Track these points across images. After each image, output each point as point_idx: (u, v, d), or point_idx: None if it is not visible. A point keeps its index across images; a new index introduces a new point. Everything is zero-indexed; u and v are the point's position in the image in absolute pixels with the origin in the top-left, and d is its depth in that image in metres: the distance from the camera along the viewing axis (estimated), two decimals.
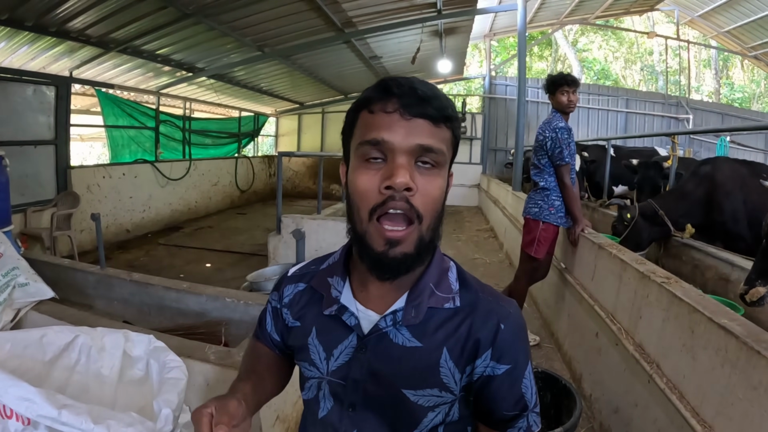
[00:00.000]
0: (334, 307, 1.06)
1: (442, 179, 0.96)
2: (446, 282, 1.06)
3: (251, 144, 16.47)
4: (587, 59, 26.67)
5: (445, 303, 1.02)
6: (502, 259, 8.27)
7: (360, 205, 0.93)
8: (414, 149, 0.90)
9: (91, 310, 3.58)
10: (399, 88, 0.91)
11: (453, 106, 0.97)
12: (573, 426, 2.49)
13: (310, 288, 1.14)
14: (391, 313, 1.01)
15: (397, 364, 1.00)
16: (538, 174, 4.30)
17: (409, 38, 10.74)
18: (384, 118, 0.91)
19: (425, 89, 0.92)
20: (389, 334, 1.01)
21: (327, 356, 1.07)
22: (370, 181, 0.91)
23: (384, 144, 0.90)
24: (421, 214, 0.91)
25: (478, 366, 1.00)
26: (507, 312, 1.03)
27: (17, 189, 5.54)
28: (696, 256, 4.55)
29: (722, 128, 12.24)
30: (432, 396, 1.01)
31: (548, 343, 4.62)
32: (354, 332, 1.04)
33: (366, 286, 1.05)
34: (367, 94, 0.96)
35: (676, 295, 2.39)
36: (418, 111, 0.90)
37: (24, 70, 7.66)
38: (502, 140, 16.34)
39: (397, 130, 0.90)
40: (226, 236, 10.05)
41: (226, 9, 7.27)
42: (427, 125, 0.91)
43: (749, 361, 1.76)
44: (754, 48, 15.60)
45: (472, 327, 1.01)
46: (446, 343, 1.00)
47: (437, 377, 1.00)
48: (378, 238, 0.91)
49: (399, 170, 0.88)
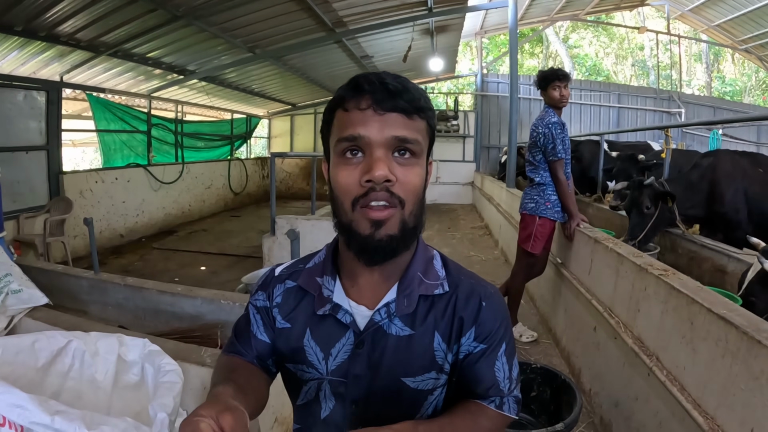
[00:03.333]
0: (328, 306, 1.06)
1: (420, 168, 0.99)
2: (433, 270, 1.09)
3: (244, 146, 16.44)
4: (578, 55, 26.72)
5: (434, 290, 1.06)
6: (497, 256, 8.27)
7: (343, 198, 0.96)
8: (390, 141, 0.93)
9: (85, 316, 3.54)
10: (370, 85, 0.94)
11: (425, 97, 1.00)
12: (573, 421, 2.48)
13: (299, 287, 1.13)
14: (384, 306, 1.04)
15: (394, 354, 1.03)
16: (534, 170, 4.30)
17: (400, 37, 10.73)
18: (358, 114, 0.94)
19: (396, 83, 0.95)
20: (384, 326, 1.04)
21: (325, 356, 1.07)
22: (350, 176, 0.94)
23: (360, 139, 0.93)
24: (402, 199, 0.95)
25: (464, 344, 1.05)
26: (489, 292, 1.09)
27: (9, 195, 5.51)
28: (692, 248, 4.55)
29: (714, 121, 12.27)
30: (430, 379, 1.05)
31: (546, 339, 4.62)
32: (350, 329, 1.05)
33: (356, 281, 1.07)
34: (341, 93, 0.99)
35: (674, 287, 2.38)
36: (391, 105, 0.94)
37: (14, 75, 7.61)
38: (495, 137, 16.34)
39: (372, 124, 0.93)
40: (220, 239, 10.05)
41: (216, 10, 7.24)
42: (401, 118, 0.95)
43: (750, 351, 1.75)
44: (744, 41, 15.68)
45: (456, 307, 1.05)
46: (437, 326, 1.05)
47: (433, 360, 1.04)
48: (363, 222, 0.94)
49: (377, 163, 0.92)
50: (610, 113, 16.31)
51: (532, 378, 3.02)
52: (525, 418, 2.98)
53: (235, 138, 15.35)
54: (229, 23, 7.95)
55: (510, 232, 7.31)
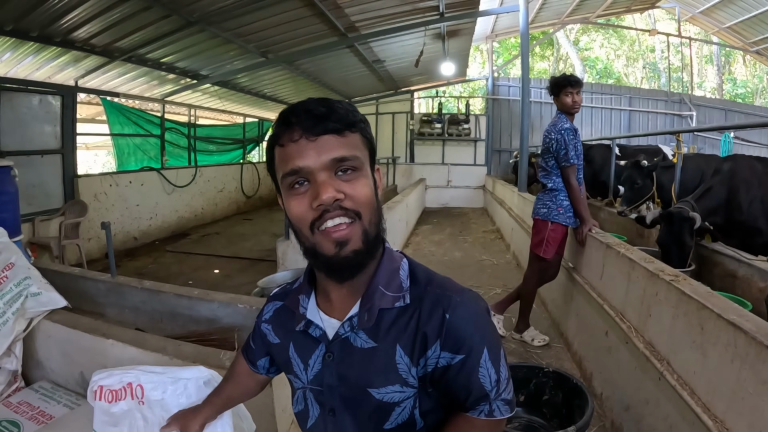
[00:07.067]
0: (303, 322, 1.15)
1: (366, 178, 1.03)
2: (396, 281, 1.11)
3: (256, 149, 16.49)
4: (589, 58, 26.64)
5: (395, 302, 1.08)
6: (509, 260, 8.27)
7: (300, 225, 1.01)
8: (328, 164, 0.98)
9: (102, 318, 3.59)
10: (297, 117, 0.99)
11: (353, 110, 1.05)
12: (585, 425, 2.50)
13: (285, 306, 1.24)
14: (348, 320, 1.09)
15: (359, 365, 1.08)
16: (546, 176, 4.33)
17: (412, 42, 10.77)
18: (293, 147, 0.99)
19: (320, 108, 0.99)
20: (350, 339, 1.09)
21: (305, 367, 1.16)
22: (301, 204, 0.99)
23: (301, 170, 0.98)
24: (358, 211, 0.99)
25: (430, 357, 1.04)
26: (454, 301, 1.05)
27: (24, 198, 5.58)
28: (703, 253, 4.56)
29: (726, 126, 12.21)
30: (395, 392, 1.07)
31: (558, 343, 4.64)
32: (322, 342, 1.13)
33: (329, 297, 1.13)
34: (274, 131, 1.04)
35: (685, 293, 2.41)
36: (320, 129, 0.98)
37: (29, 80, 7.73)
38: (506, 141, 16.33)
39: (308, 153, 0.97)
40: (233, 242, 10.09)
41: (230, 16, 7.32)
42: (333, 138, 0.99)
43: (759, 356, 1.78)
44: (755, 43, 15.57)
45: (420, 321, 1.05)
46: (399, 340, 1.06)
47: (396, 373, 1.06)
48: (327, 243, 0.99)
49: (322, 187, 0.96)
50: (621, 116, 16.24)
51: (544, 381, 3.04)
52: (537, 422, 3.01)
53: (247, 141, 15.43)
54: (243, 29, 8.03)
55: (522, 236, 7.32)
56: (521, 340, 4.62)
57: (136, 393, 1.60)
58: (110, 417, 1.60)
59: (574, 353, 4.28)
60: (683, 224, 4.22)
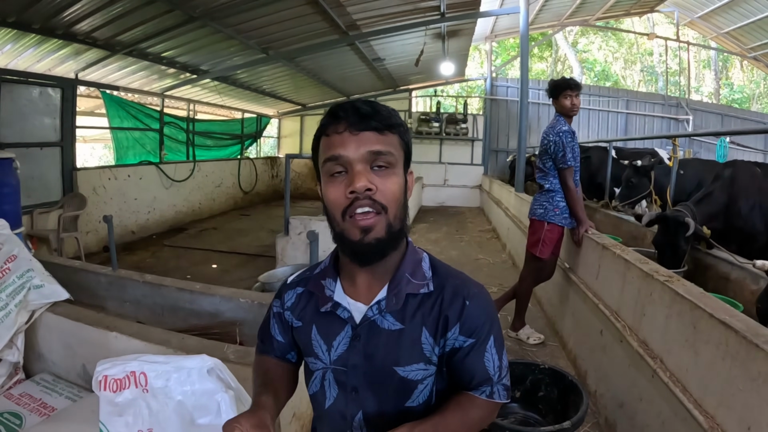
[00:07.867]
0: (329, 304, 1.23)
1: (397, 177, 1.13)
2: (420, 271, 1.23)
3: (254, 145, 16.53)
4: (587, 60, 26.72)
5: (420, 289, 1.19)
6: (505, 259, 8.33)
7: (334, 211, 1.11)
8: (366, 156, 1.08)
9: (103, 311, 3.60)
10: (344, 112, 1.11)
11: (396, 115, 1.17)
12: (580, 420, 2.56)
13: (307, 291, 1.31)
14: (376, 303, 1.19)
15: (386, 346, 1.18)
16: (543, 177, 4.38)
17: (412, 41, 10.80)
18: (337, 138, 1.10)
19: (366, 107, 1.11)
20: (377, 321, 1.19)
21: (328, 348, 1.23)
22: (337, 191, 1.10)
23: (341, 158, 1.09)
24: (385, 205, 1.09)
25: (449, 338, 1.17)
26: (473, 291, 1.20)
27: (23, 190, 5.57)
28: (696, 255, 4.62)
29: (722, 131, 12.28)
30: (419, 370, 1.18)
31: (553, 341, 4.69)
32: (348, 323, 1.21)
33: (354, 281, 1.23)
34: (322, 123, 1.15)
35: (679, 293, 2.47)
36: (363, 126, 1.09)
37: (30, 72, 7.74)
38: (504, 141, 16.40)
39: (349, 144, 1.08)
40: (230, 237, 10.12)
41: (232, 12, 7.34)
42: (374, 135, 1.10)
43: (748, 354, 1.84)
44: (753, 49, 15.65)
45: (442, 306, 1.18)
46: (425, 323, 1.18)
47: (421, 353, 1.18)
48: (353, 230, 1.09)
49: (357, 176, 1.07)
50: (618, 119, 16.32)
51: (540, 378, 3.09)
52: (533, 417, 3.06)
53: (245, 137, 15.45)
54: (244, 25, 8.04)
55: (518, 236, 7.37)
56: (517, 338, 4.67)
57: (140, 381, 1.62)
58: (115, 407, 1.62)
59: (569, 351, 4.34)
60: (678, 228, 4.31)
